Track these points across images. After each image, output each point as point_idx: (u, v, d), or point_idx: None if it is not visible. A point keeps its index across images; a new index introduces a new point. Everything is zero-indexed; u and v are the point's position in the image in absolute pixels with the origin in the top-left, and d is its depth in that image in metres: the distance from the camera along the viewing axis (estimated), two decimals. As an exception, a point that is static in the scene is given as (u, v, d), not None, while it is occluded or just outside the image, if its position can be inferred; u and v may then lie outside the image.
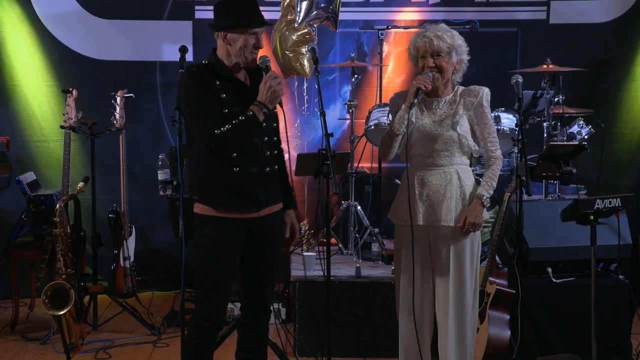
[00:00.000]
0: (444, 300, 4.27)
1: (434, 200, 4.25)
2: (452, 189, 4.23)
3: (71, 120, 5.88)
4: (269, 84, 4.02)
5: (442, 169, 4.25)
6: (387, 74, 6.96)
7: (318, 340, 5.36)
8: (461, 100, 4.27)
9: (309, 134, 6.97)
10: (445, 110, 4.26)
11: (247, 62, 4.09)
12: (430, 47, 4.18)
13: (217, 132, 3.94)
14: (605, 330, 5.09)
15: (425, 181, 4.25)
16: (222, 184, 4.07)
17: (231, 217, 4.09)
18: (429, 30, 4.22)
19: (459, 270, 4.24)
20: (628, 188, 6.87)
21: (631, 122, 7.14)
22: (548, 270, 5.38)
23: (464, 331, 4.30)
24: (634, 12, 7.03)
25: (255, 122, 4.00)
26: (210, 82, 4.03)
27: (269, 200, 4.18)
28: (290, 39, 6.41)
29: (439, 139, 4.22)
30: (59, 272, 5.31)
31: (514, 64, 7.00)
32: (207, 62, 4.12)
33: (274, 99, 4.04)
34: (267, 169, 4.15)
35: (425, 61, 4.20)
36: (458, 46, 4.23)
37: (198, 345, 4.16)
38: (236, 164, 4.05)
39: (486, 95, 4.27)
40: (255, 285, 4.29)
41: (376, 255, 6.04)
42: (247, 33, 4.06)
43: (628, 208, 4.67)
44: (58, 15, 6.95)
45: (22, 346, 5.74)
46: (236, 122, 3.96)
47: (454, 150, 4.24)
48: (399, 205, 4.34)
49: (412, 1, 7.05)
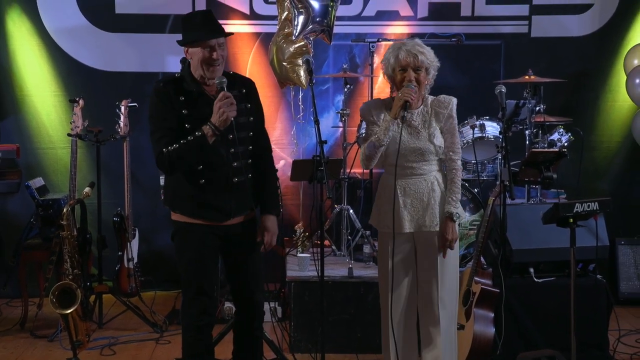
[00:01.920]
0: (429, 301, 4.27)
1: (418, 207, 4.25)
2: (434, 195, 4.24)
3: (78, 128, 5.88)
4: (219, 105, 3.92)
5: (422, 177, 4.25)
6: (378, 84, 6.95)
7: (312, 338, 5.36)
8: (433, 112, 4.27)
9: (304, 141, 6.97)
10: (419, 122, 4.26)
11: (205, 74, 4.01)
12: (414, 62, 4.17)
13: (165, 150, 3.90)
14: (584, 327, 5.10)
15: (408, 190, 4.25)
16: (190, 195, 4.04)
17: (204, 223, 4.07)
18: (410, 45, 4.21)
19: (442, 272, 4.26)
20: (605, 192, 6.90)
21: (608, 130, 7.15)
22: (530, 270, 5.38)
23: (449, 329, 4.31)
24: (611, 26, 7.05)
25: (204, 143, 3.91)
26: (173, 97, 3.96)
27: (238, 209, 4.12)
28: (288, 50, 6.41)
29: (416, 150, 4.22)
30: (66, 273, 5.30)
31: (497, 74, 7.00)
32: (178, 76, 4.07)
33: (224, 121, 3.92)
34: (235, 179, 4.07)
35: (407, 74, 4.18)
36: (434, 63, 4.24)
37: (195, 342, 4.15)
38: (201, 177, 4.01)
39: (454, 106, 4.29)
40: (244, 290, 4.26)
41: (367, 256, 6.04)
42: (203, 46, 3.99)
43: (605, 211, 4.67)
44: (66, 28, 6.95)
45: (31, 343, 5.73)
46: (184, 142, 3.90)
47: (432, 158, 4.26)
48: (384, 214, 4.31)
49: (401, 15, 7.05)
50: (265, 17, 6.95)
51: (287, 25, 6.43)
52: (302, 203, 6.93)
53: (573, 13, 7.08)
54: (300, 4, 6.31)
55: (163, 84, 4.04)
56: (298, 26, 6.35)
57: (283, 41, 6.43)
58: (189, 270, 4.11)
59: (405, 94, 4.14)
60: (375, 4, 7.03)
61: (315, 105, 4.35)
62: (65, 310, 4.89)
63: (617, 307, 5.84)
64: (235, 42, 6.87)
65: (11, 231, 6.76)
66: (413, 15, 7.04)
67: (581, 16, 7.08)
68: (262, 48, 6.95)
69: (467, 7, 7.07)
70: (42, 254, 6.01)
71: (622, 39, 7.05)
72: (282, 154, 6.99)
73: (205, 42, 3.99)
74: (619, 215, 6.52)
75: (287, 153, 7.00)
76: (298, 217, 6.88)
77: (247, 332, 4.32)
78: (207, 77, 4.03)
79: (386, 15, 7.06)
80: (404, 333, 4.36)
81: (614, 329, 5.55)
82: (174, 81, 4.05)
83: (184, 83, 4.03)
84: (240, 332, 4.36)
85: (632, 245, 6.72)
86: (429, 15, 7.05)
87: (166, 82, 4.05)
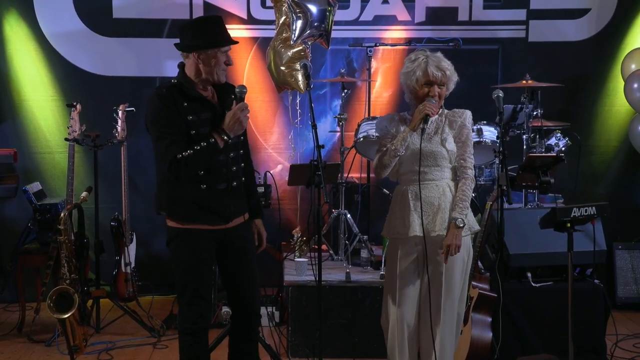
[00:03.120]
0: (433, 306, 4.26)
1: (429, 212, 4.26)
2: (445, 200, 4.26)
3: (75, 133, 5.87)
4: (238, 116, 3.98)
5: (434, 182, 4.27)
6: (375, 89, 6.97)
7: (310, 342, 5.36)
8: (446, 121, 4.32)
9: (302, 145, 6.98)
10: (432, 129, 4.30)
11: (219, 79, 4.08)
12: (442, 79, 4.24)
13: (179, 156, 3.90)
14: (582, 332, 5.10)
15: (419, 194, 4.25)
16: (190, 200, 4.05)
17: (202, 228, 4.07)
18: (441, 61, 4.26)
19: (448, 278, 4.25)
20: (603, 197, 6.89)
21: (605, 135, 7.16)
22: (528, 275, 5.39)
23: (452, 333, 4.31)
24: (608, 31, 7.07)
25: (216, 148, 3.97)
26: (178, 103, 3.98)
27: (236, 212, 4.17)
28: (286, 55, 6.42)
29: (430, 155, 4.25)
30: (63, 278, 5.29)
31: (495, 79, 7.02)
32: (176, 82, 4.07)
33: (238, 129, 4.01)
34: (234, 183, 4.13)
35: (432, 89, 4.24)
36: (454, 78, 4.32)
37: (192, 346, 4.14)
38: (203, 181, 4.03)
39: (469, 117, 4.35)
40: (241, 293, 4.27)
41: (365, 261, 6.04)
42: (219, 52, 4.05)
43: (603, 216, 4.69)
44: (63, 33, 6.95)
45: (29, 348, 5.72)
46: (197, 147, 3.92)
47: (444, 164, 4.28)
48: (395, 219, 4.34)
49: (399, 20, 7.06)
50: (262, 21, 6.96)
51: (285, 29, 6.44)
52: (300, 207, 6.93)
53: (570, 18, 7.09)
54: (298, 8, 6.33)
55: (166, 89, 4.04)
56: (296, 31, 6.36)
57: (281, 45, 6.44)
58: (187, 275, 4.11)
59: (428, 107, 4.21)
60: (373, 8, 7.04)
61: (313, 109, 4.36)
62: (63, 315, 4.89)
63: (615, 312, 5.87)
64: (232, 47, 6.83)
65: (8, 236, 6.75)
66: (410, 20, 7.05)
67: (578, 21, 7.09)
68: (260, 52, 6.96)
69: (465, 11, 7.08)
70: (40, 258, 6.00)
71: (619, 43, 7.07)
72: (279, 158, 7.00)
73: (222, 47, 4.06)
74: (617, 219, 6.52)
75: (284, 157, 7.00)
76: (295, 221, 6.88)
77: (244, 336, 4.33)
78: (219, 81, 4.09)
79: (384, 20, 7.07)
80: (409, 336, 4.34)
81: (611, 334, 5.56)
82: (174, 87, 4.05)
83: (184, 89, 4.04)
84: (236, 336, 4.36)
85: (629, 249, 6.72)
86: (426, 20, 7.06)
87: (168, 87, 4.06)
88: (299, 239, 6.25)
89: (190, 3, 6.95)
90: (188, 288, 4.10)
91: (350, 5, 7.03)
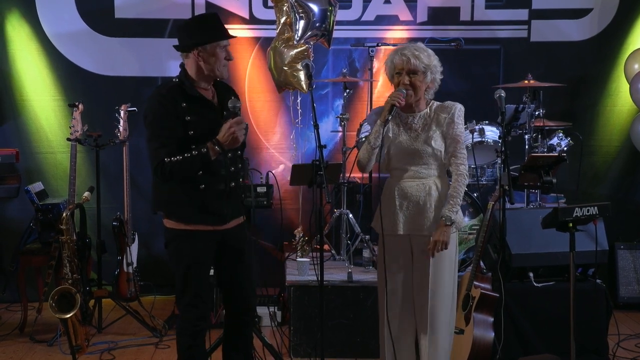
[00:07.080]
0: (421, 306, 4.27)
1: (414, 211, 4.24)
2: (431, 199, 4.23)
3: (77, 132, 5.88)
4: (233, 130, 3.94)
5: (420, 180, 4.25)
6: (377, 89, 6.96)
7: (312, 342, 5.36)
8: (435, 116, 4.26)
9: (303, 145, 6.97)
10: (420, 125, 4.26)
11: (221, 75, 4.09)
12: (407, 65, 4.17)
13: (167, 160, 3.90)
14: (584, 332, 5.11)
15: (406, 192, 4.24)
16: (188, 200, 4.05)
17: (200, 229, 4.07)
18: (407, 48, 4.21)
19: (435, 277, 4.24)
20: (605, 197, 6.89)
21: (607, 135, 7.15)
22: (530, 275, 5.39)
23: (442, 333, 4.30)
24: (610, 31, 7.06)
25: (206, 159, 3.94)
26: (177, 104, 3.97)
27: (234, 213, 4.17)
28: (289, 55, 6.41)
29: (415, 153, 4.23)
30: (65, 277, 5.29)
31: (497, 79, 7.01)
32: (177, 81, 4.07)
33: (233, 143, 3.97)
34: (233, 184, 4.13)
35: (401, 78, 4.19)
36: (433, 66, 4.22)
37: (191, 348, 4.15)
38: (202, 182, 4.02)
39: (458, 111, 4.26)
40: (237, 291, 4.27)
41: (367, 260, 6.04)
42: (219, 47, 4.04)
43: (605, 216, 4.68)
44: (65, 33, 6.95)
45: (31, 348, 5.73)
46: (187, 155, 3.91)
47: (431, 162, 4.24)
48: (384, 216, 4.31)
49: (400, 20, 7.06)
50: (264, 21, 6.95)
51: (287, 29, 6.44)
52: (302, 207, 6.93)
53: (572, 18, 7.09)
54: (300, 8, 6.33)
55: (166, 90, 4.04)
56: (299, 31, 6.36)
57: (283, 45, 6.44)
58: (187, 276, 4.11)
59: (393, 97, 4.16)
60: (375, 8, 7.04)
61: (315, 109, 4.36)
62: (65, 315, 4.89)
63: (617, 312, 5.86)
64: (234, 47, 6.78)
65: (10, 236, 6.75)
66: (412, 19, 7.05)
67: (580, 21, 7.09)
68: (262, 52, 6.96)
69: (467, 11, 7.08)
70: (42, 258, 6.01)
71: (621, 43, 7.06)
72: (281, 158, 7.00)
73: (222, 42, 4.06)
74: (618, 219, 6.52)
75: (286, 157, 7.00)
76: (297, 221, 6.87)
77: (239, 331, 4.33)
78: (221, 77, 4.10)
79: (385, 19, 7.07)
80: (400, 335, 4.34)
81: (613, 334, 5.55)
82: (175, 87, 4.05)
83: (184, 88, 4.04)
84: (231, 332, 4.37)
85: (631, 249, 6.72)
86: (428, 19, 7.05)
87: (169, 88, 4.05)
88: (300, 239, 6.26)
89: (192, 3, 6.96)
90: (188, 290, 4.10)
91: (352, 5, 7.03)
